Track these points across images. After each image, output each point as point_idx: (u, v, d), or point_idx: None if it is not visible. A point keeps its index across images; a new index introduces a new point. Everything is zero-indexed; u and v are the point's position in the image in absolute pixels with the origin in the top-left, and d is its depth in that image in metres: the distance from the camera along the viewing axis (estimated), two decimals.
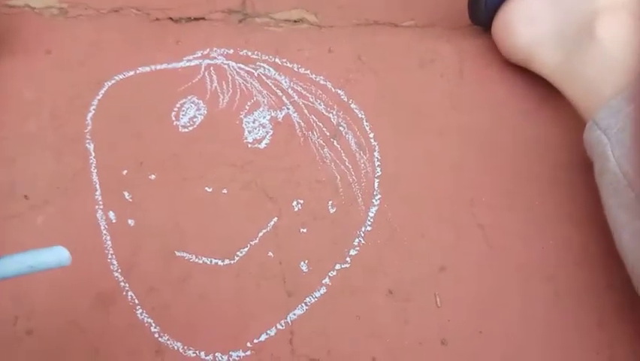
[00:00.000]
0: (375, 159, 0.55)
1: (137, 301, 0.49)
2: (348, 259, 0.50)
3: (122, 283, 0.50)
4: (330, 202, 0.53)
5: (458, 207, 0.52)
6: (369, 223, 0.52)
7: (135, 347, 0.47)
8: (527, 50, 0.55)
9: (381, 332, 0.47)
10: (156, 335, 0.47)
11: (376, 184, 0.54)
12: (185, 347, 0.47)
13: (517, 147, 0.55)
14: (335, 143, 0.56)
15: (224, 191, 0.54)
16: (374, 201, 0.53)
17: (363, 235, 0.52)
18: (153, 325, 0.48)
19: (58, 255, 0.33)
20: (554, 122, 0.57)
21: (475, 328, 0.46)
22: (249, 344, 0.47)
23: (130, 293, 0.49)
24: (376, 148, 0.56)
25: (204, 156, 0.56)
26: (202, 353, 0.47)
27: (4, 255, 0.31)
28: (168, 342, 0.47)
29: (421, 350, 0.45)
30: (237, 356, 0.46)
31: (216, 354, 0.47)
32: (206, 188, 0.54)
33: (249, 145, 0.56)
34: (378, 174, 0.55)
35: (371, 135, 0.56)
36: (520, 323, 0.47)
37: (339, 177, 0.54)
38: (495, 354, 0.45)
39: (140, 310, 0.48)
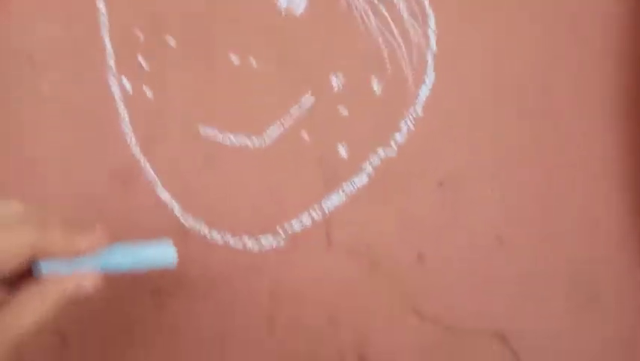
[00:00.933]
0: (431, 32, 0.47)
1: (157, 180, 0.44)
2: (393, 145, 0.44)
3: (141, 160, 0.45)
4: (374, 80, 0.46)
5: (528, 95, 0.44)
6: (420, 106, 0.45)
7: (157, 229, 0.43)
8: None
9: (428, 227, 0.42)
10: (179, 216, 0.43)
11: (430, 61, 0.46)
12: (211, 230, 0.42)
13: (605, 32, 0.46)
14: (383, 10, 0.47)
15: (253, 62, 0.47)
16: (426, 80, 0.46)
17: (412, 118, 0.45)
18: (176, 206, 0.43)
19: (163, 253, 0.32)
20: None
21: (538, 225, 0.41)
22: (281, 232, 0.42)
23: (150, 171, 0.44)
24: (432, 18, 0.47)
25: (231, 20, 0.48)
26: (229, 239, 0.42)
27: (113, 246, 0.30)
28: (192, 224, 0.43)
29: (473, 246, 0.41)
30: (268, 244, 0.42)
31: (245, 241, 0.42)
32: (233, 57, 0.47)
33: (283, 10, 0.48)
34: (433, 49, 0.46)
35: (426, 2, 0.47)
36: (590, 222, 0.41)
37: (386, 50, 0.46)
38: (560, 256, 0.40)
39: (162, 190, 0.44)
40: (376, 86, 0.46)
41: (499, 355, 0.39)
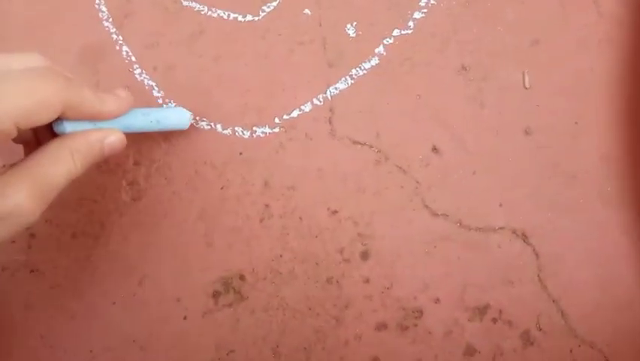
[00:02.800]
0: None
1: (134, 59, 0.39)
2: (410, 23, 0.39)
3: (114, 36, 0.40)
4: None
5: None
6: None
7: None
8: None
9: (447, 116, 0.37)
10: (160, 101, 0.39)
11: None
12: (198, 118, 0.38)
13: None
14: None
15: None
16: None
17: None
18: (156, 88, 0.39)
19: (180, 115, 0.35)
20: None
21: (570, 117, 0.37)
22: (277, 120, 0.38)
23: (125, 48, 0.39)
24: None
25: None
26: (218, 126, 0.38)
27: (132, 109, 0.31)
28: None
29: (497, 139, 0.37)
30: (263, 133, 0.38)
31: (236, 128, 0.38)
32: None
33: None
34: None
35: None
36: (624, 115, 0.37)
37: None
38: (591, 149, 0.36)
39: (139, 70, 0.39)
40: None
41: (517, 254, 0.36)
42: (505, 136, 0.37)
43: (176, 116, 0.35)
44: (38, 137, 0.30)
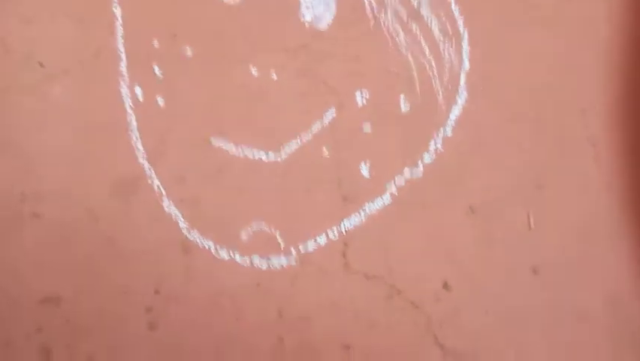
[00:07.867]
0: (464, 50, 0.51)
1: (163, 192, 0.47)
2: (421, 166, 0.47)
3: (148, 171, 0.48)
4: (402, 97, 0.50)
5: (565, 116, 0.47)
6: (450, 126, 0.48)
7: (158, 242, 0.45)
8: None
9: (457, 255, 0.44)
10: (184, 231, 0.46)
11: (462, 80, 0.50)
12: (218, 247, 0.45)
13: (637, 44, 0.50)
14: (414, 28, 0.52)
15: (274, 76, 0.51)
16: (458, 99, 0.49)
17: (441, 139, 0.48)
18: (181, 219, 0.46)
19: None
20: None
21: (575, 256, 0.43)
22: (293, 252, 0.44)
23: (156, 182, 0.47)
24: (465, 37, 0.51)
25: (252, 33, 0.53)
26: (237, 256, 0.45)
27: None
28: (198, 240, 0.46)
29: (506, 277, 0.42)
30: (279, 264, 0.44)
31: (253, 257, 0.45)
32: (252, 71, 0.51)
33: (307, 24, 0.52)
34: (465, 68, 0.50)
35: (460, 21, 0.52)
36: (629, 253, 0.43)
37: (415, 68, 0.50)
38: (598, 288, 0.41)
39: (167, 202, 0.47)
40: (404, 105, 0.49)
41: None
42: (513, 275, 0.43)
43: None
44: None
